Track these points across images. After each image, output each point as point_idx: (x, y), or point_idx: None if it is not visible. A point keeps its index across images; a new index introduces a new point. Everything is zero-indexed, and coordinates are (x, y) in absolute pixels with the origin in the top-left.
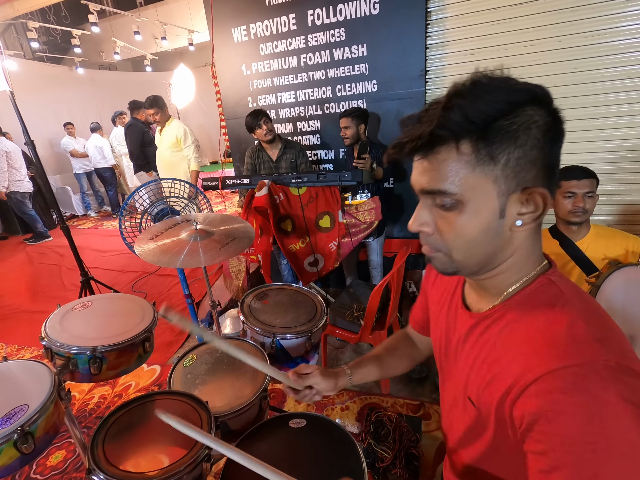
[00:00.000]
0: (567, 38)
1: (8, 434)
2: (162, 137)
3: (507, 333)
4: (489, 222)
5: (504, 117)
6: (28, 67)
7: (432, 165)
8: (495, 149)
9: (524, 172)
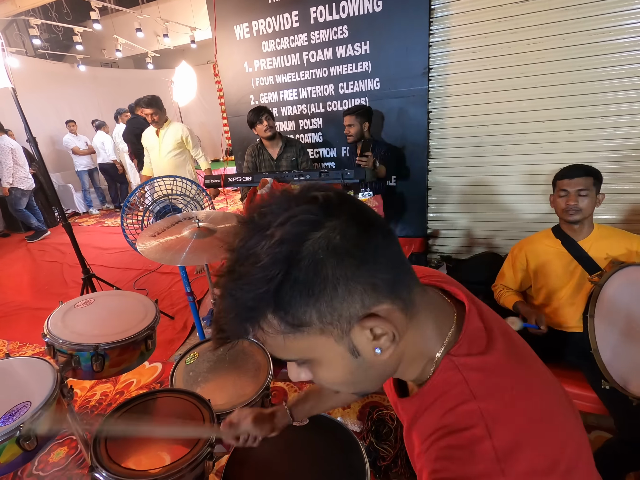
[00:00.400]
0: (571, 36)
1: (10, 431)
2: (162, 140)
3: (421, 430)
4: (349, 365)
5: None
6: (30, 64)
7: (262, 341)
8: (296, 315)
9: (348, 307)
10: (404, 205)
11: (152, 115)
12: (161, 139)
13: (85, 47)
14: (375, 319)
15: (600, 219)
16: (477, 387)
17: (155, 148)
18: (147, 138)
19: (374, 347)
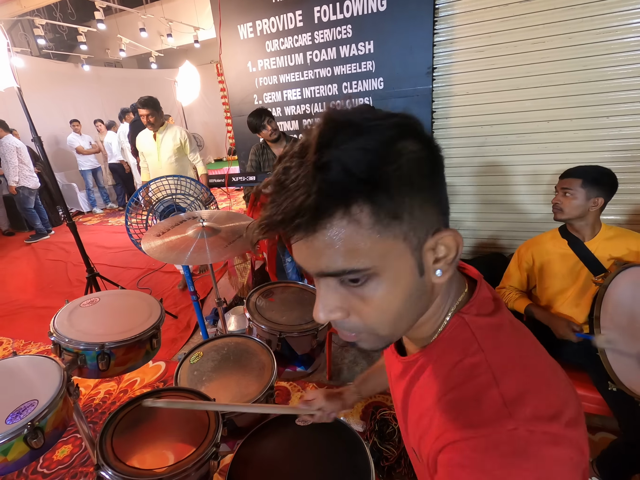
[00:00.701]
0: (577, 35)
1: (18, 428)
2: (160, 145)
3: (425, 387)
4: (411, 285)
5: (387, 162)
6: (34, 64)
7: (324, 243)
8: (395, 204)
9: (428, 217)
10: None
11: (147, 117)
12: (159, 143)
13: (89, 47)
14: (443, 238)
15: (605, 219)
16: (485, 341)
17: (153, 154)
18: (142, 142)
19: (435, 269)
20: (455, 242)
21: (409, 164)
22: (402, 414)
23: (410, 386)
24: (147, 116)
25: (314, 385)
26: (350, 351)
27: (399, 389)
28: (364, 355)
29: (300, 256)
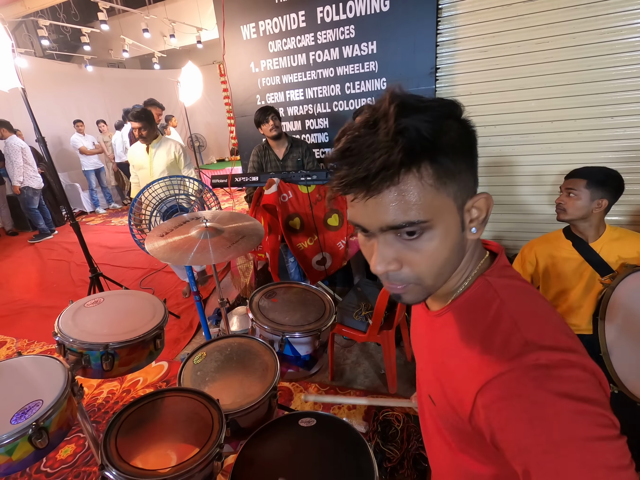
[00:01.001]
0: (581, 35)
1: (23, 428)
2: (153, 159)
3: (451, 338)
4: (455, 239)
5: (445, 132)
6: (38, 65)
7: (393, 199)
8: (451, 166)
9: (469, 182)
10: None
11: (139, 130)
12: (152, 157)
13: (92, 47)
14: (478, 200)
15: (610, 220)
16: (505, 297)
17: (145, 168)
18: (134, 155)
19: (471, 227)
20: (487, 204)
21: (457, 136)
22: (424, 362)
23: (436, 336)
24: (139, 129)
25: (317, 386)
26: (352, 352)
27: (425, 341)
28: (367, 355)
29: (366, 213)
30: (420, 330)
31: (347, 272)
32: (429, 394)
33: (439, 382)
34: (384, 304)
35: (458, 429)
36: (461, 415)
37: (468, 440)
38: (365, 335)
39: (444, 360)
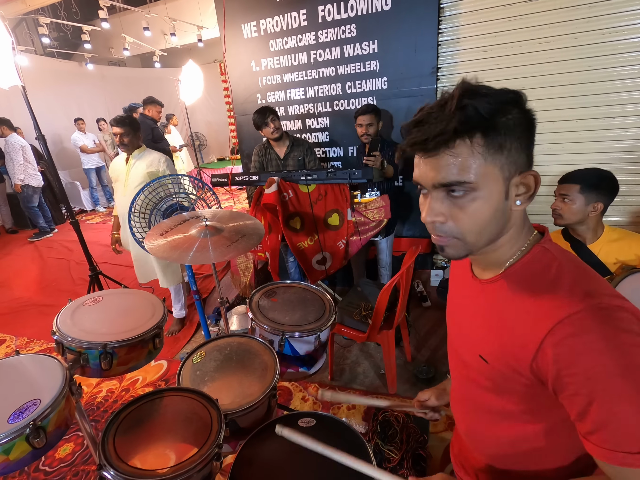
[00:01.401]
0: (583, 35)
1: (20, 428)
2: (130, 171)
3: (512, 297)
4: (497, 204)
5: (502, 114)
6: (39, 63)
7: (448, 160)
8: (501, 140)
9: (519, 159)
10: (411, 205)
11: (121, 137)
12: (129, 168)
13: (93, 45)
14: (528, 178)
15: (610, 221)
16: (564, 260)
17: (120, 179)
18: (114, 167)
19: (516, 200)
20: (534, 181)
21: (513, 119)
22: (472, 326)
23: (491, 299)
24: (120, 135)
25: (316, 386)
26: (352, 352)
27: (474, 306)
28: (366, 355)
29: (425, 171)
30: (465, 299)
31: (347, 272)
32: (479, 354)
33: (496, 337)
34: (384, 304)
35: (512, 382)
36: (521, 362)
37: (520, 393)
38: (365, 335)
39: (503, 317)
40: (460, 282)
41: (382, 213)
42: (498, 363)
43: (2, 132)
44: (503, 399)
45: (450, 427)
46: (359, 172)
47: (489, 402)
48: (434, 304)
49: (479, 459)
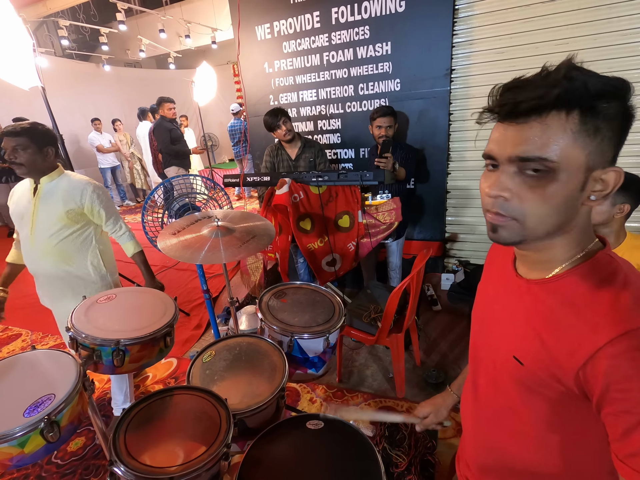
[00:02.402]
0: (603, 36)
1: (35, 422)
2: (38, 206)
3: (567, 301)
4: (571, 193)
5: (607, 99)
6: (58, 64)
7: (535, 132)
8: (598, 124)
9: (607, 152)
10: (422, 208)
11: (12, 153)
12: (37, 202)
13: (110, 47)
14: (610, 174)
15: (630, 227)
16: (629, 271)
17: (25, 220)
18: (16, 200)
19: (591, 194)
20: (615, 179)
21: (615, 107)
22: (509, 325)
23: (540, 301)
24: (11, 151)
25: (324, 387)
26: (361, 354)
27: (513, 304)
28: (375, 358)
29: (503, 140)
30: (503, 296)
31: (357, 274)
32: (513, 355)
33: (538, 340)
34: (394, 307)
35: (546, 388)
36: (565, 370)
37: (552, 401)
38: (374, 338)
39: (552, 320)
40: (497, 278)
41: (393, 216)
42: (535, 366)
43: None
44: (529, 407)
45: (459, 434)
46: (370, 174)
47: (512, 408)
48: (445, 308)
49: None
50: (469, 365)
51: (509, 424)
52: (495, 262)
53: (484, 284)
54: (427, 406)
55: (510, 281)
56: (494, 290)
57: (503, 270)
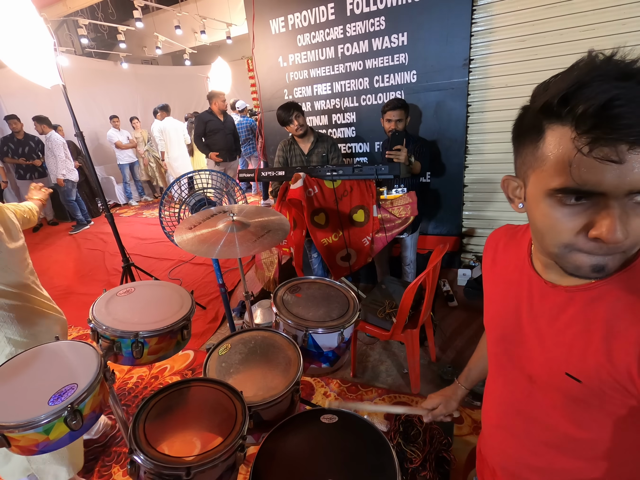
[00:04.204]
0: (631, 21)
1: (59, 410)
2: None
3: (620, 306)
4: None
5: None
6: (78, 63)
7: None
8: None
9: None
10: (439, 202)
11: None
12: None
13: (127, 45)
14: None
15: None
16: None
17: None
18: None
19: None
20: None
21: None
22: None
23: (593, 309)
24: None
25: (338, 382)
26: (375, 349)
27: (552, 317)
28: (389, 354)
29: (620, 172)
30: (534, 309)
31: (371, 269)
32: (566, 372)
33: (601, 351)
34: (409, 302)
35: (609, 403)
36: (636, 379)
37: (612, 416)
38: (389, 334)
39: (614, 327)
40: (515, 286)
41: (409, 210)
42: (599, 381)
43: (42, 129)
44: (579, 424)
45: (475, 431)
46: (385, 168)
47: (556, 424)
48: (461, 304)
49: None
50: (492, 374)
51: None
52: (500, 264)
53: (493, 290)
54: (437, 397)
55: (540, 291)
56: (515, 299)
57: (520, 275)
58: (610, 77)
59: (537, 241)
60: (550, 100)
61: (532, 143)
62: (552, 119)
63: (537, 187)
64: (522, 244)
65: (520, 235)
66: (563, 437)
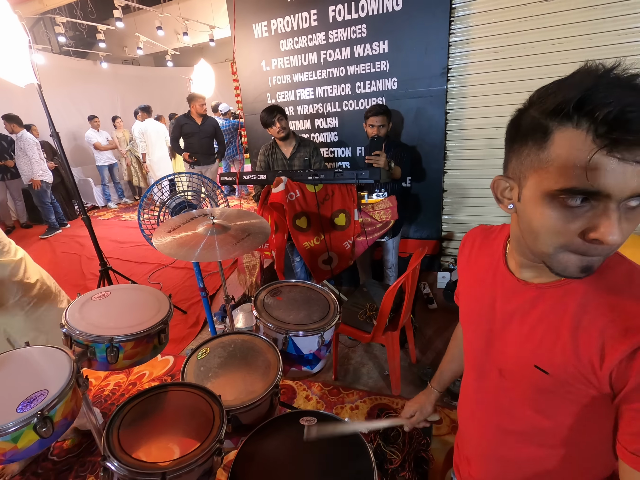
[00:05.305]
0: (598, 36)
1: (28, 417)
2: None
3: (590, 301)
4: None
5: None
6: (55, 61)
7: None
8: None
9: None
10: (419, 207)
11: None
12: None
13: (107, 44)
14: None
15: None
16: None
17: None
18: None
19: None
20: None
21: None
22: (526, 334)
23: (561, 305)
24: None
25: (320, 385)
26: (357, 352)
27: (523, 312)
28: (371, 356)
29: (625, 174)
30: (507, 305)
31: (354, 272)
32: (534, 364)
33: (567, 345)
34: (389, 305)
35: (574, 394)
36: (599, 370)
37: (577, 405)
38: (370, 336)
39: (580, 323)
40: (489, 284)
41: (389, 214)
42: (565, 373)
43: (12, 128)
44: (543, 413)
45: (453, 431)
46: (366, 173)
47: (523, 415)
48: (441, 307)
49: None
50: (467, 370)
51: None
52: (476, 265)
53: (469, 288)
54: (412, 405)
55: (512, 288)
56: (489, 297)
57: (494, 274)
58: (619, 86)
59: (528, 241)
60: (562, 104)
61: (536, 144)
62: (563, 121)
63: (537, 187)
64: (496, 244)
65: (495, 236)
66: (530, 426)
